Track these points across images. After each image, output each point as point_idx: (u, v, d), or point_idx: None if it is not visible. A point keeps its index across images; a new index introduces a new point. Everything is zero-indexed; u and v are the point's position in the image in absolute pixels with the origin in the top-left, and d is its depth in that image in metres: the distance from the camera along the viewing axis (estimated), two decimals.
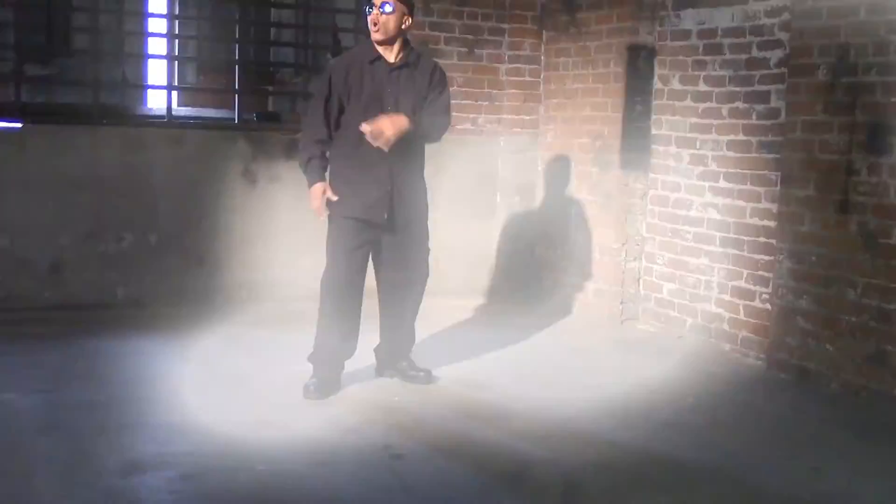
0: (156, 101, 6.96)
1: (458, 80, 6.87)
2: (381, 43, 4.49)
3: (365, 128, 4.32)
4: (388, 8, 4.41)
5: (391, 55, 4.52)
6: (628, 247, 6.40)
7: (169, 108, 6.45)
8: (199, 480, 3.46)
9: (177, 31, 6.83)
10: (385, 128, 4.32)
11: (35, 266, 6.00)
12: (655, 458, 3.87)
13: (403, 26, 4.49)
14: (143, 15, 7.28)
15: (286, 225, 6.54)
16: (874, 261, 4.67)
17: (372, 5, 4.44)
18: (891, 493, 3.59)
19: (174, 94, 6.68)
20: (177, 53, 6.95)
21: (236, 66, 6.72)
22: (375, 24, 4.43)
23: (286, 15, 7.29)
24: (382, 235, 4.62)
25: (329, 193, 4.48)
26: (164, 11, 6.76)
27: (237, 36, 6.76)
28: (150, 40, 7.22)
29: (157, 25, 7.12)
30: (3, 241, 5.92)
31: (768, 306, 5.36)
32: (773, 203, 5.38)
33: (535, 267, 7.13)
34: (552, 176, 6.97)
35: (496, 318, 6.50)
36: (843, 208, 4.83)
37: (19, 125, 5.97)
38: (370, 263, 4.72)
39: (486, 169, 7.10)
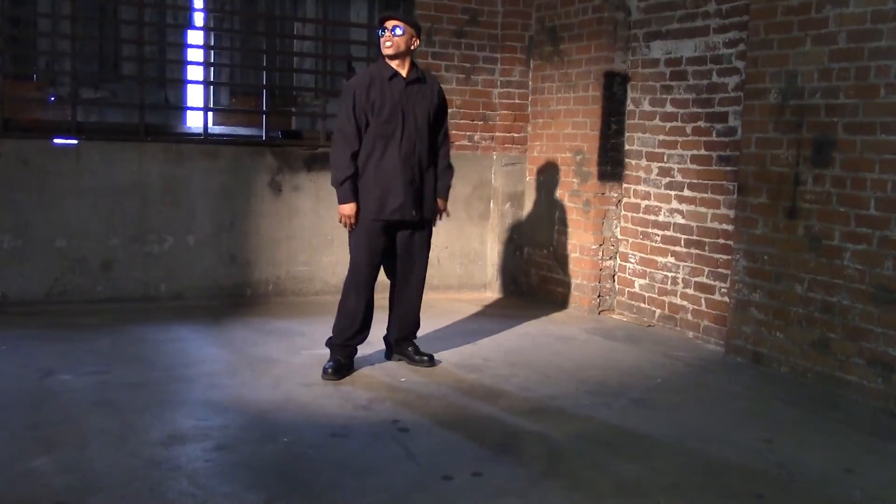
0: (194, 121, 6.93)
1: (456, 102, 6.88)
2: (392, 58, 4.48)
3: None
4: (398, 31, 4.45)
5: (404, 71, 4.52)
6: (604, 247, 6.39)
7: (205, 126, 6.44)
8: (231, 450, 3.46)
9: (212, 60, 6.80)
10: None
11: (89, 264, 6.00)
12: (628, 431, 3.87)
13: (412, 46, 4.51)
14: (182, 45, 7.26)
15: (307, 228, 6.54)
16: (818, 259, 4.66)
17: (384, 29, 4.46)
18: (833, 460, 3.58)
19: (210, 114, 6.66)
20: (212, 79, 6.94)
21: (264, 91, 6.71)
22: (388, 43, 4.45)
23: (307, 46, 7.27)
24: (401, 233, 4.59)
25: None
26: (202, 43, 6.73)
27: (265, 64, 6.75)
28: (189, 68, 7.21)
29: (195, 55, 7.10)
30: (60, 243, 5.91)
31: (726, 299, 5.35)
32: (730, 209, 5.37)
33: (524, 265, 7.12)
34: (539, 186, 6.96)
35: (490, 309, 6.50)
36: (791, 214, 4.82)
37: (75, 141, 5.97)
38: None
39: (481, 179, 7.10)
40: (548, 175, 6.84)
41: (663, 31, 5.93)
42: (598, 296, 6.40)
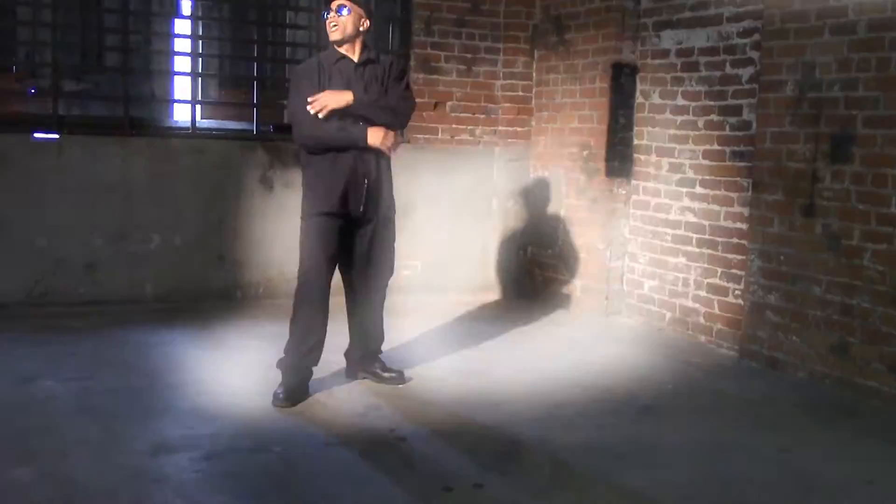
0: (181, 115, 6.95)
1: (456, 95, 6.89)
2: (339, 44, 4.27)
3: (312, 105, 4.15)
4: (344, 11, 4.20)
5: (354, 55, 4.30)
6: (612, 247, 6.39)
7: (193, 120, 6.44)
8: (221, 460, 3.46)
9: (200, 51, 6.81)
10: (327, 99, 4.15)
11: (71, 265, 5.99)
12: (637, 440, 3.87)
13: (361, 28, 4.26)
14: (169, 35, 7.27)
15: (299, 227, 6.53)
16: (837, 260, 4.67)
17: (329, 9, 4.25)
18: (852, 471, 3.58)
19: (198, 107, 6.67)
20: (200, 71, 6.95)
21: (254, 83, 6.72)
22: (334, 25, 4.24)
23: (300, 35, 7.27)
24: (355, 231, 4.35)
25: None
26: (189, 32, 6.74)
27: (256, 54, 6.76)
28: (176, 59, 7.22)
29: (182, 45, 7.12)
30: (41, 242, 5.91)
31: (740, 301, 5.36)
32: (744, 207, 5.38)
33: (527, 265, 7.12)
34: (543, 182, 6.96)
35: (492, 311, 6.50)
36: (808, 212, 4.82)
37: (57, 136, 5.97)
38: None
39: (483, 176, 7.10)
40: (552, 171, 6.84)
41: (674, 20, 5.93)
42: (606, 298, 6.40)
